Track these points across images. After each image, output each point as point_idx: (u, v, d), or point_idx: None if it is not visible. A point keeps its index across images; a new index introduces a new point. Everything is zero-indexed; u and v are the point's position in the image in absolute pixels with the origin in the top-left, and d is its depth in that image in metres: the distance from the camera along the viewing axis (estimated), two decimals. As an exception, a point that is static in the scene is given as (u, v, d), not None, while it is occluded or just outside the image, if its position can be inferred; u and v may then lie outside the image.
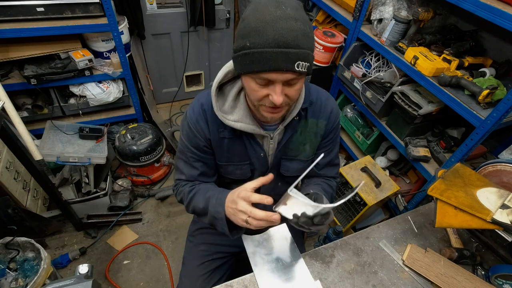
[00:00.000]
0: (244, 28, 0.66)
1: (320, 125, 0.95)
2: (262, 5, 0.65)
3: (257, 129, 0.85)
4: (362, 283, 0.91)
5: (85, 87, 2.00)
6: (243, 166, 0.96)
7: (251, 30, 0.64)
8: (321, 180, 1.04)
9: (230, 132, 0.88)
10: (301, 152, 0.97)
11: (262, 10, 0.64)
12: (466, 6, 1.26)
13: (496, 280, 0.93)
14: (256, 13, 0.64)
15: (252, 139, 0.90)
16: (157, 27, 2.51)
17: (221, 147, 0.91)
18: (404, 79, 1.68)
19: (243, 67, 0.69)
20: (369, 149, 2.04)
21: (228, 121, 0.83)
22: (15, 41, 1.71)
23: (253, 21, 0.64)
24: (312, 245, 1.96)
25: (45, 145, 1.78)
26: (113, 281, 1.72)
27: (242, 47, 0.66)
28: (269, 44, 0.63)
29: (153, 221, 2.07)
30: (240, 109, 0.84)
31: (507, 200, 0.86)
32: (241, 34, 0.67)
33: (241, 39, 0.67)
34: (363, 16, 1.79)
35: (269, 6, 0.64)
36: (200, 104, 0.87)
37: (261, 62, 0.65)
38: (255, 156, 0.93)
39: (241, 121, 0.83)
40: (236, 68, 0.73)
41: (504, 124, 1.33)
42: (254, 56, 0.65)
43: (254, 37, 0.64)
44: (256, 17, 0.64)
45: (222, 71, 0.82)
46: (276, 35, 0.62)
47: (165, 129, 2.45)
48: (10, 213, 1.40)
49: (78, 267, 1.10)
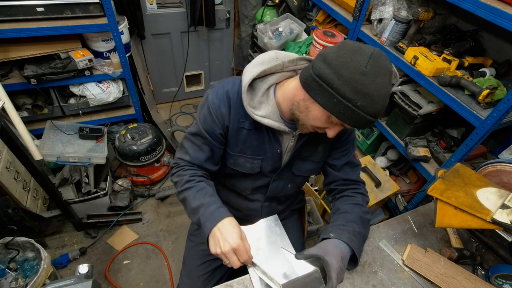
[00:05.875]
0: (361, 85, 0.66)
1: None
2: (382, 73, 0.67)
3: (282, 126, 0.87)
4: (362, 283, 0.91)
5: (85, 87, 2.00)
6: (255, 160, 0.95)
7: (367, 94, 0.66)
8: (346, 203, 0.98)
9: (251, 124, 0.89)
10: (314, 153, 0.98)
11: (381, 79, 0.67)
12: (466, 6, 1.26)
13: (496, 280, 0.93)
14: (376, 79, 0.66)
15: (273, 134, 0.91)
16: (157, 27, 2.51)
17: (237, 137, 0.91)
18: (404, 79, 1.68)
19: (337, 113, 0.70)
20: (369, 149, 2.04)
21: (256, 116, 0.83)
22: (15, 41, 1.71)
23: (373, 87, 0.66)
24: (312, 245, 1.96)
25: (45, 145, 1.78)
26: (113, 281, 1.72)
27: (350, 99, 0.67)
28: (372, 114, 0.69)
29: (153, 221, 2.07)
30: (269, 105, 0.85)
31: (507, 200, 0.86)
32: (355, 88, 0.66)
33: (353, 92, 0.66)
34: (363, 16, 1.79)
35: (386, 76, 0.68)
36: (225, 91, 0.87)
37: (357, 123, 0.71)
38: (271, 152, 0.94)
39: (268, 117, 0.85)
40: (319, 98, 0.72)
41: (504, 124, 1.33)
42: (357, 116, 0.69)
43: (368, 102, 0.67)
44: (376, 84, 0.66)
45: (257, 68, 0.82)
46: (379, 109, 0.69)
47: (165, 129, 2.45)
48: (10, 213, 1.40)
49: (78, 267, 1.10)
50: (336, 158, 1.02)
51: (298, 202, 1.28)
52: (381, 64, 0.67)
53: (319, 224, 1.94)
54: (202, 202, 0.84)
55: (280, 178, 1.02)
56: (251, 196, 1.08)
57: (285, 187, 1.05)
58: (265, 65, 0.82)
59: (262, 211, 1.10)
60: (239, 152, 0.94)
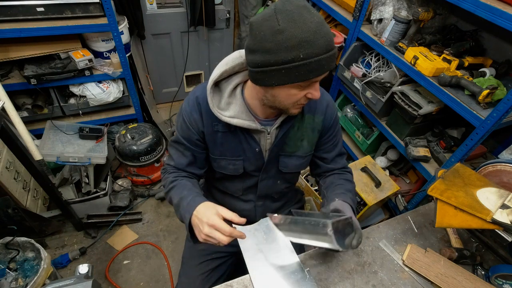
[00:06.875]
0: (288, 40, 0.65)
1: (317, 120, 0.96)
2: (297, 14, 0.65)
3: (253, 124, 0.87)
4: (362, 283, 0.91)
5: (85, 87, 2.00)
6: (236, 162, 0.96)
7: (300, 41, 0.64)
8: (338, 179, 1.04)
9: (224, 126, 0.89)
10: (299, 148, 0.98)
11: (300, 19, 0.65)
12: (466, 6, 1.26)
13: (496, 280, 0.94)
14: (296, 23, 0.64)
15: (247, 134, 0.91)
16: (157, 27, 2.51)
17: (214, 140, 0.93)
18: (404, 79, 1.67)
19: (295, 78, 0.69)
20: (369, 149, 2.04)
21: (224, 117, 0.84)
22: (15, 41, 1.71)
23: (298, 32, 0.64)
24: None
25: (45, 145, 1.78)
26: (113, 281, 1.73)
27: (292, 59, 0.66)
28: (322, 51, 0.66)
29: (153, 221, 2.07)
30: (236, 105, 0.86)
31: (507, 200, 0.86)
32: (286, 47, 0.65)
33: (288, 52, 0.66)
34: (363, 16, 1.79)
35: (303, 13, 0.65)
36: (195, 97, 0.89)
37: (318, 69, 0.69)
38: (250, 151, 0.94)
39: (237, 117, 0.85)
40: (272, 81, 0.72)
41: (504, 124, 1.32)
42: (311, 65, 0.67)
43: (307, 47, 0.65)
44: (299, 27, 0.64)
45: (218, 70, 0.83)
46: (325, 42, 0.66)
47: (165, 129, 2.45)
48: (10, 213, 1.40)
49: (78, 267, 1.10)
50: (327, 151, 1.04)
51: (297, 202, 1.28)
52: (290, 9, 0.65)
53: (319, 224, 1.94)
54: (181, 196, 0.88)
55: (268, 176, 1.03)
56: (244, 197, 1.10)
57: (274, 184, 1.06)
58: (227, 65, 0.83)
59: (257, 211, 1.12)
60: (220, 155, 0.96)
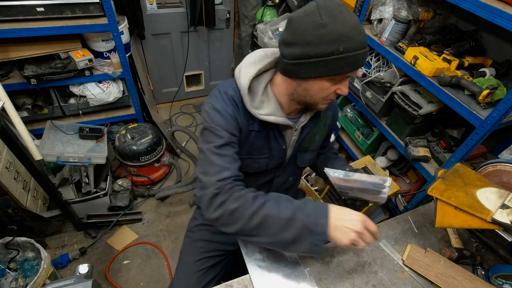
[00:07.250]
0: (330, 33, 0.69)
1: (329, 116, 1.03)
2: (337, 11, 0.69)
3: (287, 121, 0.89)
4: (362, 283, 0.91)
5: (85, 87, 2.00)
6: (261, 160, 0.97)
7: (341, 36, 0.69)
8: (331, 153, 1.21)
9: (259, 125, 0.90)
10: (313, 142, 1.03)
11: (341, 16, 0.69)
12: (466, 6, 1.26)
13: (496, 280, 0.93)
14: (337, 19, 0.69)
15: (277, 131, 0.92)
16: (157, 27, 2.51)
17: (247, 139, 0.92)
18: (404, 79, 1.67)
19: (332, 70, 0.73)
20: (369, 149, 2.04)
21: (262, 115, 0.84)
22: (15, 41, 1.71)
23: (339, 27, 0.69)
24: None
25: (45, 145, 1.78)
26: (113, 281, 1.72)
27: (332, 52, 0.70)
28: (359, 47, 0.71)
29: (153, 221, 2.07)
30: (270, 102, 0.87)
31: (507, 200, 0.86)
32: (328, 40, 0.69)
33: (329, 45, 0.69)
34: (363, 16, 1.79)
35: (343, 11, 0.70)
36: (229, 96, 0.85)
37: (354, 64, 0.73)
38: (276, 149, 0.96)
39: (273, 114, 0.86)
40: (309, 73, 0.75)
41: (504, 124, 1.32)
42: (349, 59, 0.71)
43: (346, 42, 0.69)
44: (340, 22, 0.69)
45: (253, 68, 0.83)
46: (362, 38, 0.71)
47: (165, 129, 2.45)
48: (10, 213, 1.40)
49: (78, 267, 1.10)
50: (326, 140, 1.16)
51: None
52: (331, 6, 0.70)
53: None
54: (293, 209, 0.75)
55: (284, 172, 1.06)
56: None
57: (287, 180, 1.10)
58: (257, 64, 0.83)
59: None
60: (247, 154, 0.95)
